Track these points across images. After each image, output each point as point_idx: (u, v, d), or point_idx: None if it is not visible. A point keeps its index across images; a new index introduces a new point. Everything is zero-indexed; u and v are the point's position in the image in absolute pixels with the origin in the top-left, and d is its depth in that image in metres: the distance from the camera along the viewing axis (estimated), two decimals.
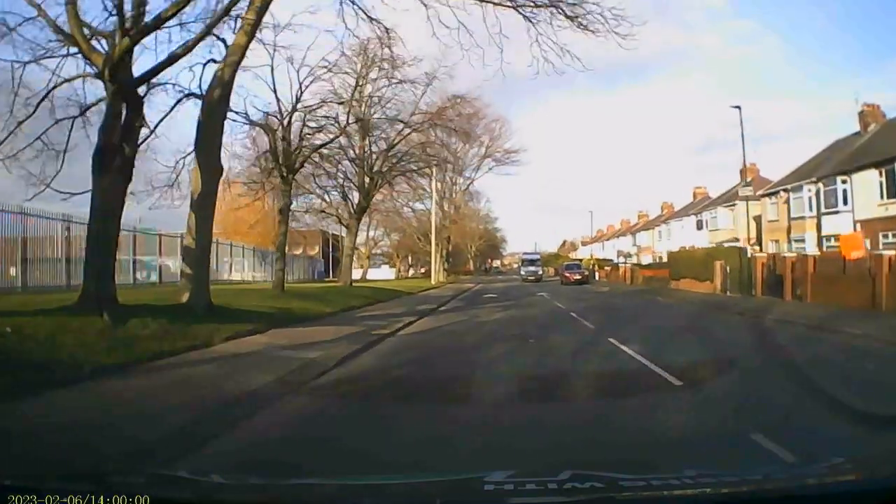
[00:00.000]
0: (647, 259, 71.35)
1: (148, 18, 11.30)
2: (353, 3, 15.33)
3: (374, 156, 29.26)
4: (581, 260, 71.35)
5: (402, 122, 26.84)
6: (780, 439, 4.78)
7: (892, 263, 17.11)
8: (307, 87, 21.76)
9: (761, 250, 32.29)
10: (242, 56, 13.41)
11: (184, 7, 11.34)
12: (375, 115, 27.12)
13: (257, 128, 20.44)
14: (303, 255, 67.88)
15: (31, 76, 29.11)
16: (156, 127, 14.30)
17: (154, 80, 12.76)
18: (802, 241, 33.41)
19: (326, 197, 31.76)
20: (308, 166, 23.83)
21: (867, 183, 29.11)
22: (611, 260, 75.17)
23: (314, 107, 21.81)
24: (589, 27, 13.77)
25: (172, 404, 6.07)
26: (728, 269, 27.33)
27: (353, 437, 5.43)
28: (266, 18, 14.58)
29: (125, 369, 7.60)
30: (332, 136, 21.78)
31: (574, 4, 13.69)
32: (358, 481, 2.90)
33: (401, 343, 12.50)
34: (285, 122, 21.39)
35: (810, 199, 33.90)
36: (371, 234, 61.67)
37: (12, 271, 15.97)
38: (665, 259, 60.59)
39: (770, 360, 10.20)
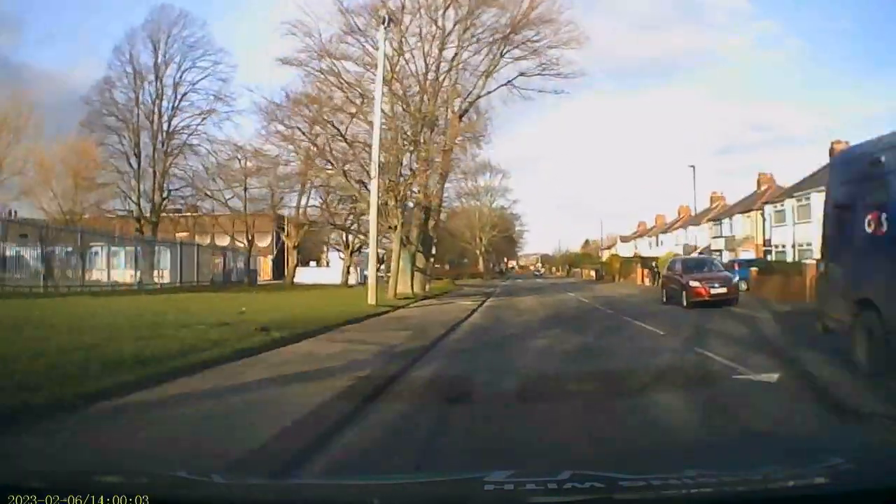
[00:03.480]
0: (747, 254, 45.20)
1: None
2: None
3: None
4: (656, 259, 45.10)
5: None
6: None
7: None
8: None
9: None
10: None
11: None
12: None
13: None
14: (211, 244, 42.53)
15: None
16: None
17: None
18: None
19: None
20: None
21: None
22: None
23: None
24: None
25: None
26: None
27: None
28: None
29: None
30: None
31: None
32: (357, 481, 2.94)
33: None
34: None
35: None
36: (302, 200, 35.75)
37: None
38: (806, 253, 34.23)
39: None
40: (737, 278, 20.37)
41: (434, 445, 4.65)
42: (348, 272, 38.29)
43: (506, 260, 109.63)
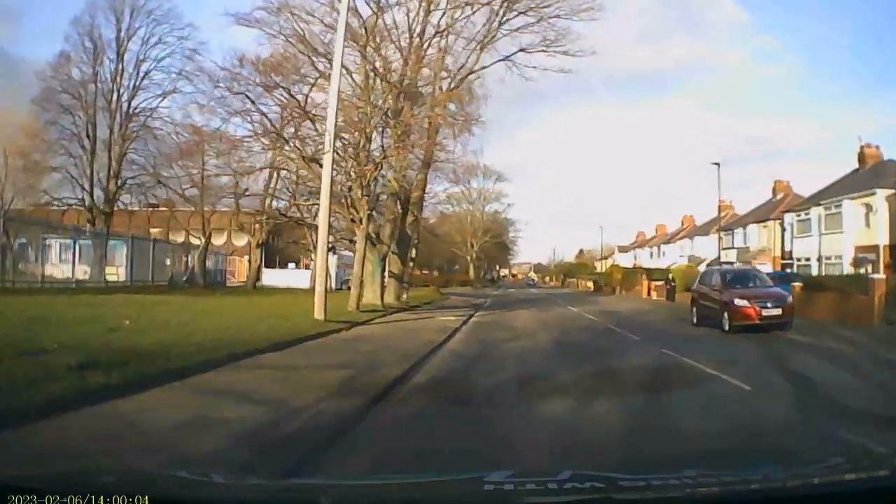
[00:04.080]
0: (763, 267, 41.03)
1: None
2: None
3: None
4: (668, 270, 40.71)
5: None
6: None
7: None
8: None
9: None
10: None
11: None
12: None
13: None
14: (184, 242, 38.33)
15: None
16: None
17: None
18: None
19: None
20: None
21: None
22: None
23: None
24: None
25: None
26: None
27: None
28: None
29: None
30: None
31: None
32: (357, 481, 3.01)
33: None
34: None
35: None
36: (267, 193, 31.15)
37: None
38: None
39: None
40: (790, 297, 16.03)
41: None
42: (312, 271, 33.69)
43: (498, 268, 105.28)
